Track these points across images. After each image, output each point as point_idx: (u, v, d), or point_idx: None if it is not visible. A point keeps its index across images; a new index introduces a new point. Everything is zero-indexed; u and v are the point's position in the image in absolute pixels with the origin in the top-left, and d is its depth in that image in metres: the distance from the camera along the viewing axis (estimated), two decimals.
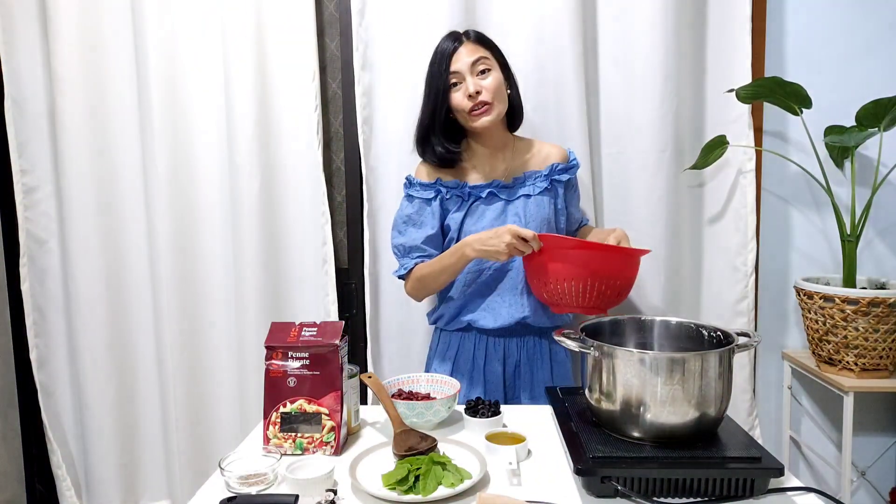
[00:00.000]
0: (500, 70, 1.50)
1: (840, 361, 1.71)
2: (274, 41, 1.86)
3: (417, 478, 0.99)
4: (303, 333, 1.20)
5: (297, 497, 0.95)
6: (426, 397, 1.31)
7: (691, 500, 0.97)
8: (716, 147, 1.74)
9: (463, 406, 1.31)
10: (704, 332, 1.16)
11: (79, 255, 1.98)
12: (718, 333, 1.13)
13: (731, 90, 1.71)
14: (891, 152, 1.75)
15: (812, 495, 0.99)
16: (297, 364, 1.17)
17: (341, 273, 2.01)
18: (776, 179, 1.92)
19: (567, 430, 1.11)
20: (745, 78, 1.76)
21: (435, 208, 1.53)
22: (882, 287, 1.78)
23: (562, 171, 1.57)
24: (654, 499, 0.97)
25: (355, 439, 1.23)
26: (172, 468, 2.05)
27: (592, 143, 1.82)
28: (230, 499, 0.96)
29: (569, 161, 1.60)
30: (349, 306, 2.03)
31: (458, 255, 1.44)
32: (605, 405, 1.07)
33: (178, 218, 1.94)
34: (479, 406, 1.28)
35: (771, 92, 1.69)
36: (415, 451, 1.08)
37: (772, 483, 0.99)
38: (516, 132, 1.62)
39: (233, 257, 1.94)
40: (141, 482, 2.10)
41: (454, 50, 1.47)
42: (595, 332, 1.18)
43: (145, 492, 2.11)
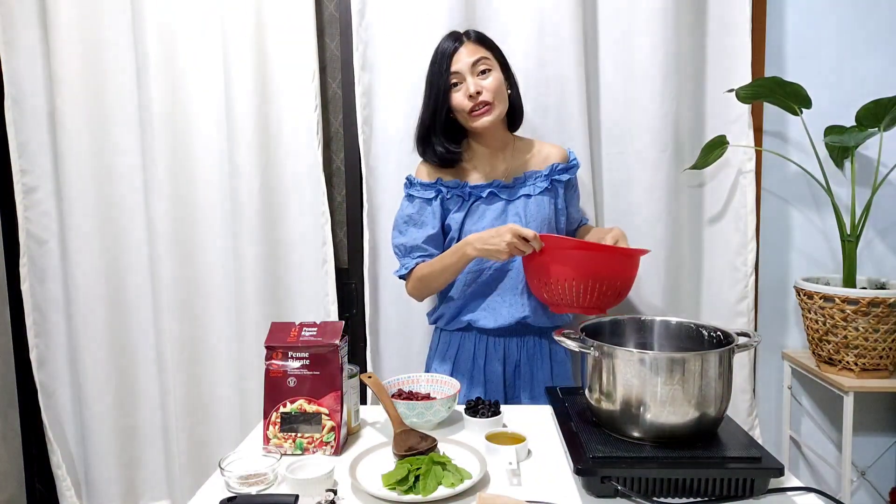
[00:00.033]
0: (501, 70, 1.50)
1: (840, 361, 1.71)
2: (274, 41, 1.86)
3: (417, 478, 0.99)
4: (303, 333, 1.20)
5: (297, 497, 0.95)
6: (426, 397, 1.31)
7: (691, 500, 0.97)
8: (716, 147, 1.74)
9: (463, 406, 1.31)
10: (704, 332, 1.17)
11: (79, 256, 1.98)
12: (718, 333, 1.13)
13: (731, 90, 1.71)
14: (891, 152, 1.75)
15: (812, 495, 0.99)
16: (297, 364, 1.17)
17: (341, 273, 2.01)
18: (776, 179, 1.93)
19: (567, 430, 1.11)
20: (745, 78, 1.77)
21: (435, 208, 1.53)
22: (882, 287, 1.78)
23: (562, 171, 1.57)
24: (654, 499, 0.97)
25: (355, 439, 1.23)
26: (172, 468, 2.05)
27: (592, 143, 1.82)
28: (230, 499, 0.96)
29: (569, 161, 1.60)
30: (349, 306, 2.03)
31: (459, 255, 1.44)
32: (605, 405, 1.07)
33: (178, 218, 1.94)
34: (479, 406, 1.28)
35: (771, 92, 1.69)
36: (415, 451, 1.08)
37: (772, 483, 0.99)
38: (516, 132, 1.62)
39: (233, 257, 1.94)
40: (141, 482, 2.10)
41: (455, 50, 1.47)
42: (595, 332, 1.18)
43: (145, 492, 2.11)
